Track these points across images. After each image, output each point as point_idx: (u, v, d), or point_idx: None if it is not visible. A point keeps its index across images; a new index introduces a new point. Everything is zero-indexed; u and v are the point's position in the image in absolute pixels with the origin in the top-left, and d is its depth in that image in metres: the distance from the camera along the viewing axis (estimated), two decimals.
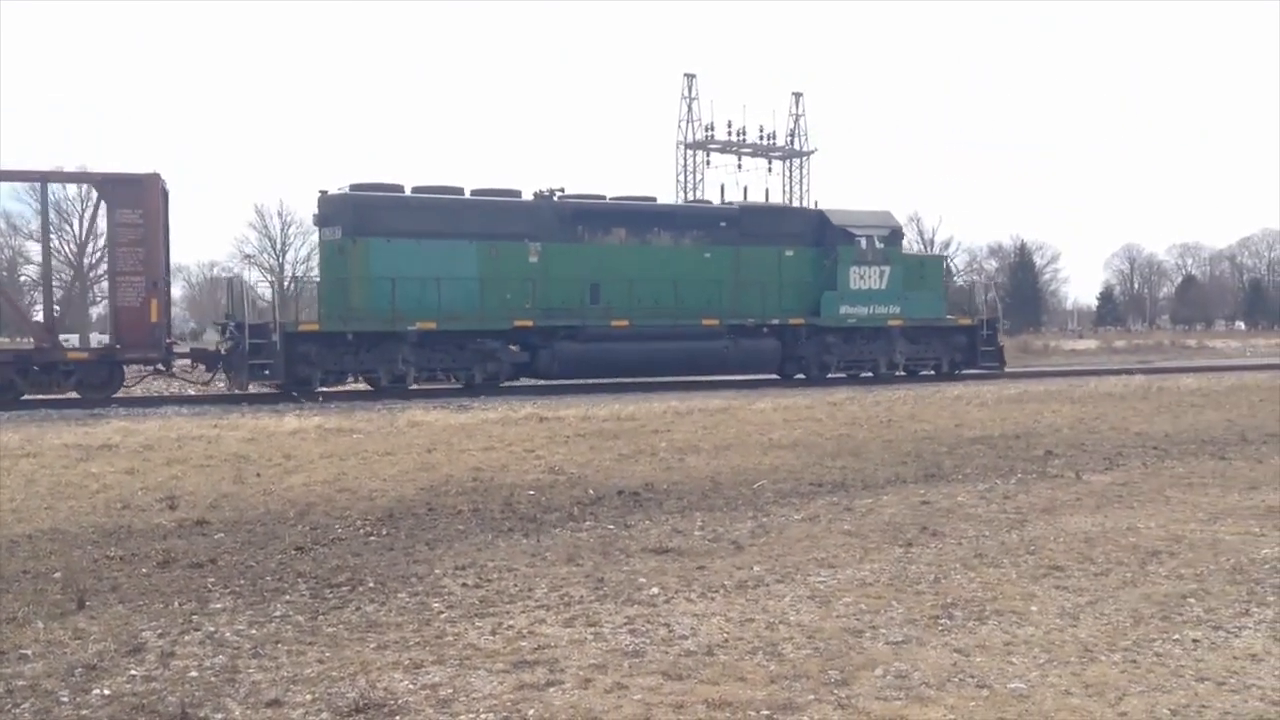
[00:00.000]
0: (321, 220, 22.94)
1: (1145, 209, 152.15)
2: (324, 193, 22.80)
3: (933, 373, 26.93)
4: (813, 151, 60.85)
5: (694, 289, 24.25)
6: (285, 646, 5.16)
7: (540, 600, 5.97)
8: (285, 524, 8.12)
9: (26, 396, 19.55)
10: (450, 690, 4.51)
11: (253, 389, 21.29)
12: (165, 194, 20.95)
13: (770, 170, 59.52)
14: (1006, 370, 27.36)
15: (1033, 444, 12.14)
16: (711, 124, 58.28)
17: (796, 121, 60.24)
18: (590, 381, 23.23)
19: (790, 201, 48.99)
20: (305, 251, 65.58)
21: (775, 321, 24.97)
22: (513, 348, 22.81)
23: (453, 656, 4.99)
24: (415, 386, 21.98)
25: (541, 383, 23.53)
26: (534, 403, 18.22)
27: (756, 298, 24.87)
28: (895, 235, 27.24)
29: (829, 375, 25.46)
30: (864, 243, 26.08)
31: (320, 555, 7.17)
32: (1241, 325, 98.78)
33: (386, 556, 7.13)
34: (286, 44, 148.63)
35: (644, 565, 6.74)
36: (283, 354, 20.49)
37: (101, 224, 20.43)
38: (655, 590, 6.09)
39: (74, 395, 19.83)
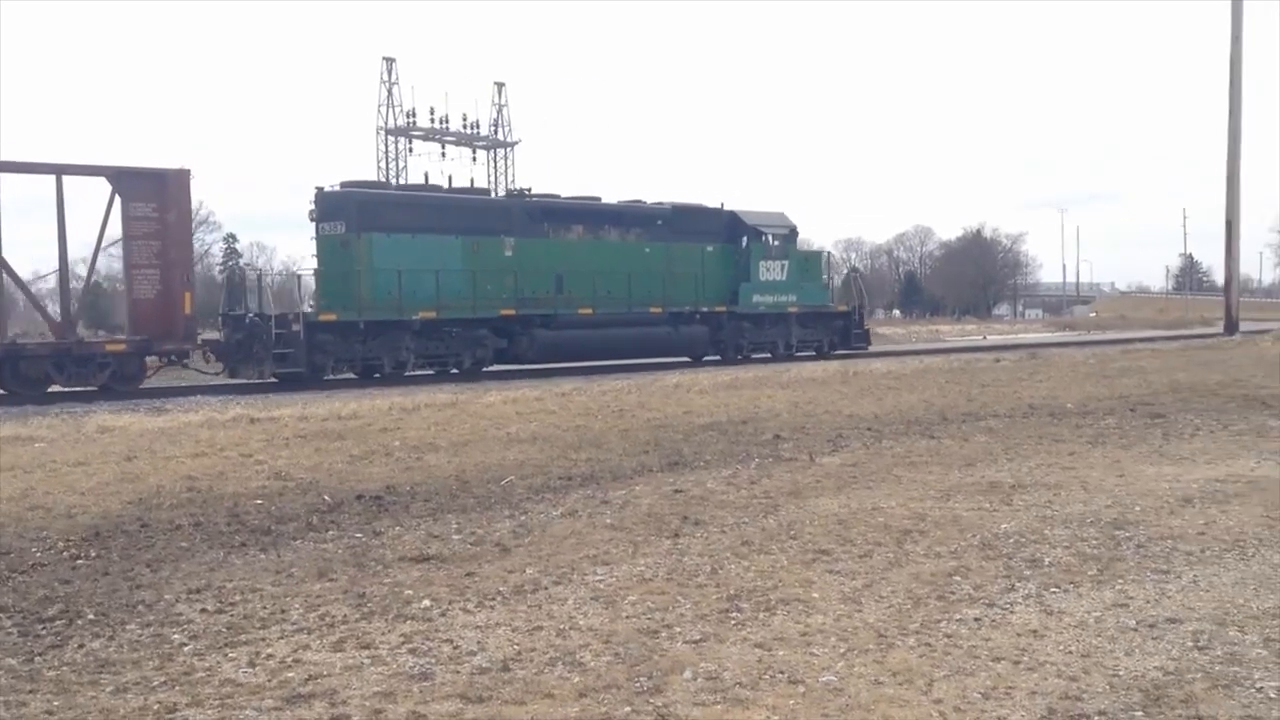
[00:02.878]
0: (321, 215, 23.97)
1: (812, 206, 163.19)
2: (320, 189, 24.06)
3: (813, 353, 30.42)
4: (517, 142, 60.83)
5: (640, 281, 26.97)
6: (1, 697, 4.36)
7: (298, 623, 5.39)
8: None
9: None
10: None
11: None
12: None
13: (475, 160, 59.00)
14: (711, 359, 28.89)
15: (759, 429, 12.46)
16: (413, 110, 57.03)
17: (500, 111, 59.97)
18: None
19: (497, 190, 48.63)
20: None
21: (704, 309, 28.30)
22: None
23: (210, 696, 4.38)
24: (411, 373, 23.55)
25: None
26: (241, 403, 16.99)
27: (689, 288, 28.05)
28: (792, 233, 30.72)
29: (738, 357, 28.65)
30: (769, 240, 29.66)
31: (21, 585, 6.22)
32: (898, 313, 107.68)
33: (103, 582, 6.28)
34: None
35: (406, 575, 6.27)
36: (305, 343, 21.59)
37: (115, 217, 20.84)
38: (426, 602, 5.65)
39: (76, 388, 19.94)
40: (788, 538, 6.90)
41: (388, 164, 58.32)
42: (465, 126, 58.26)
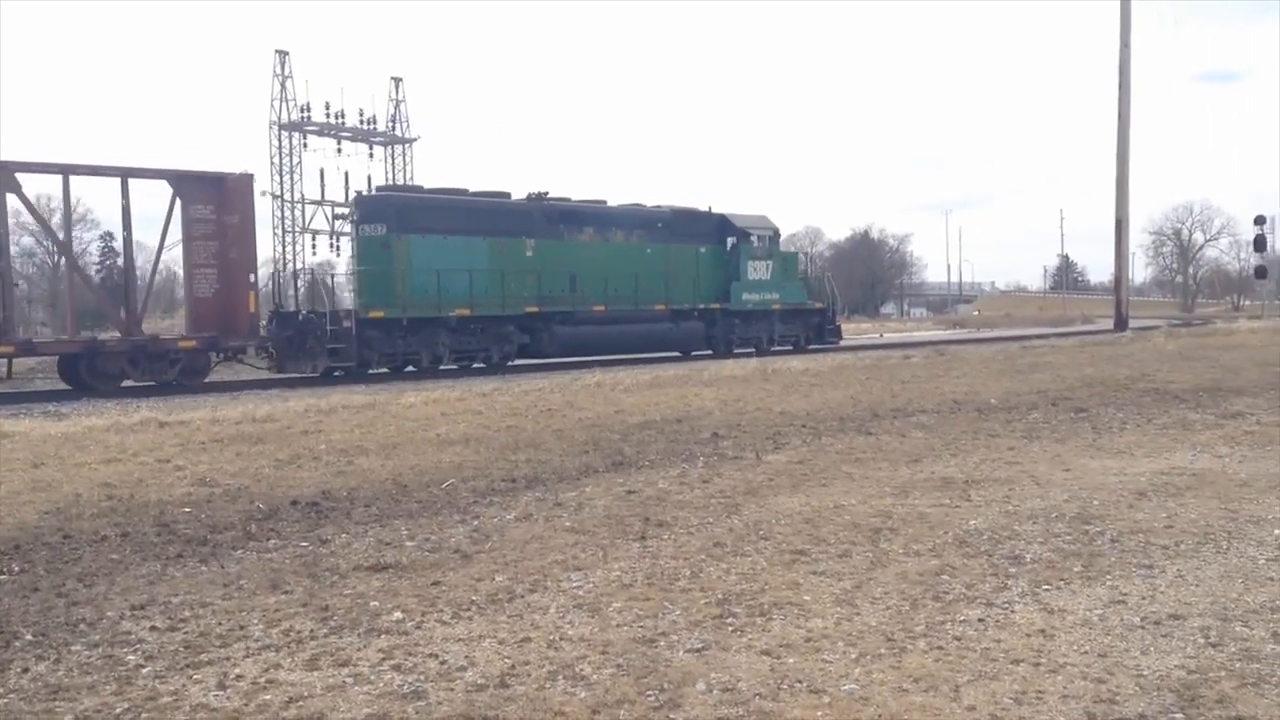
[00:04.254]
0: (361, 218, 25.54)
1: (703, 205, 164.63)
2: (360, 193, 26.99)
3: (791, 347, 32.43)
4: (415, 139, 59.72)
5: (645, 280, 28.68)
6: None
7: (261, 639, 5.02)
8: None
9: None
10: None
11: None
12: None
13: (372, 156, 57.71)
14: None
15: (695, 427, 12.29)
16: (308, 105, 55.57)
17: (397, 107, 58.80)
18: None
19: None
20: None
21: (701, 307, 30.27)
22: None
23: None
24: (444, 366, 24.99)
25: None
26: (148, 406, 16.20)
27: (687, 287, 29.94)
28: (776, 235, 32.82)
29: (728, 352, 30.12)
30: (756, 241, 31.57)
31: None
32: None
33: (34, 599, 5.81)
34: None
35: (367, 586, 5.93)
36: (356, 338, 23.01)
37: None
38: (398, 614, 5.33)
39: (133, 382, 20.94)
40: (759, 538, 6.73)
41: (280, 160, 56.79)
42: (362, 122, 57.04)
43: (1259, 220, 58.47)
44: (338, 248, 51.03)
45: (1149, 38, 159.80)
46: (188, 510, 8.14)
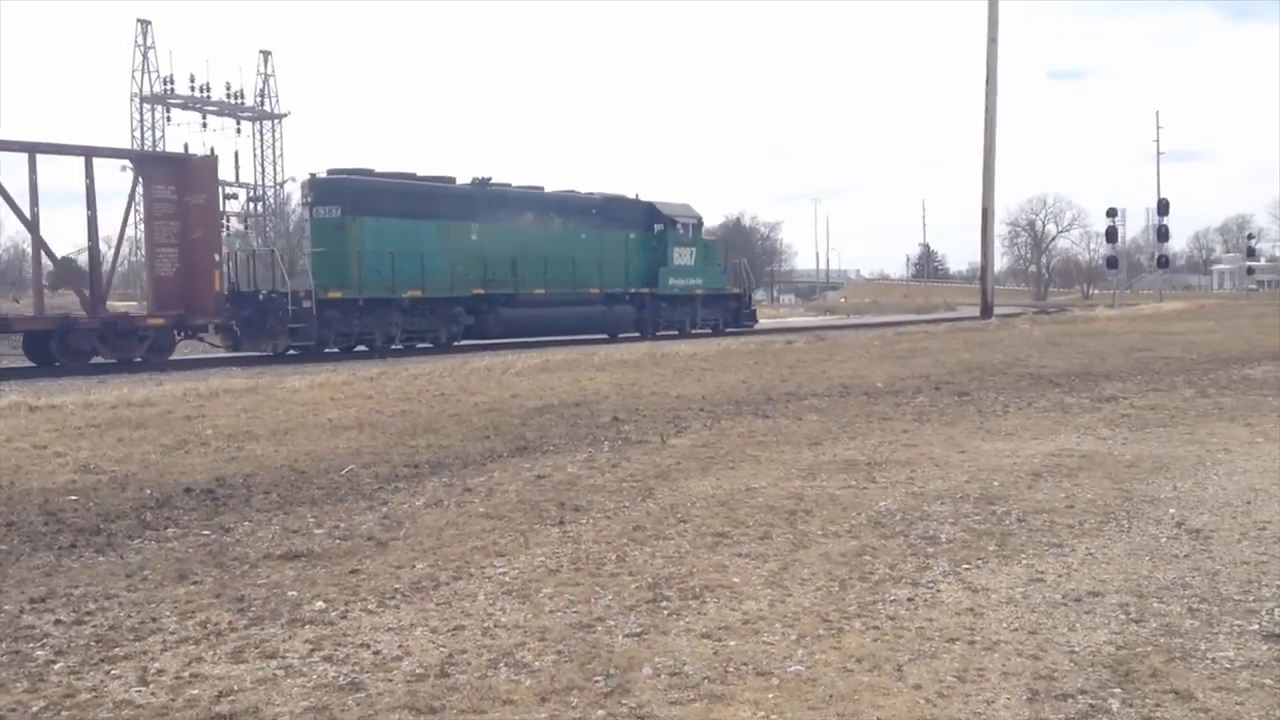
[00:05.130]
0: (316, 200, 25.81)
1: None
2: (314, 175, 26.27)
3: (710, 330, 33.80)
4: (285, 114, 57.97)
5: (581, 265, 29.82)
6: None
7: (177, 632, 4.81)
8: None
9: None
10: None
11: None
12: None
13: (239, 131, 55.83)
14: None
15: (595, 411, 12.25)
16: (171, 77, 53.40)
17: (266, 81, 56.95)
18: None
19: (264, 164, 46.38)
20: None
21: (632, 291, 31.57)
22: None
23: None
24: (396, 346, 25.71)
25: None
26: (13, 389, 15.37)
27: (619, 272, 31.24)
28: (700, 223, 34.66)
29: (654, 334, 31.35)
30: (681, 229, 33.14)
31: None
32: None
33: None
34: None
35: (281, 575, 5.73)
36: (317, 318, 23.70)
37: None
38: (319, 604, 5.17)
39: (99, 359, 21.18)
40: (678, 521, 6.74)
41: (142, 133, 54.50)
42: (229, 96, 55.09)
43: (1111, 212, 61.34)
44: None
45: (1004, 36, 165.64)
46: (74, 498, 7.76)
